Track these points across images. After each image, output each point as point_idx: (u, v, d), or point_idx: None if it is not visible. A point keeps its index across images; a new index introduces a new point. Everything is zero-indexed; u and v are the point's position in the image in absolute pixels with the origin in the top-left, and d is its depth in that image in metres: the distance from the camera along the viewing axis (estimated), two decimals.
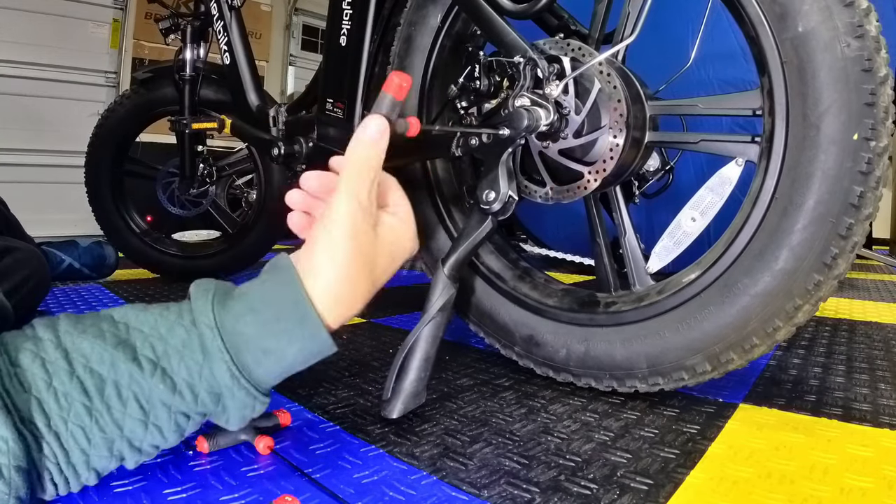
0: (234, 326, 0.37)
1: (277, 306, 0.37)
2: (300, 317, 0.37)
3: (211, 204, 1.38)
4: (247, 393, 0.37)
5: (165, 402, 0.35)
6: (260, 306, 0.37)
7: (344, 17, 0.73)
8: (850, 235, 0.49)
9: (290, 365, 0.38)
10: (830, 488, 0.42)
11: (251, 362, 0.37)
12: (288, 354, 0.38)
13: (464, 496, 0.41)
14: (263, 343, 0.37)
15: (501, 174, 0.57)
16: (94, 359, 0.34)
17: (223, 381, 0.36)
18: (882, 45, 0.48)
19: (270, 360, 0.37)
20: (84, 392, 0.34)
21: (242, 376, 0.36)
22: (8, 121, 2.20)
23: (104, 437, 0.34)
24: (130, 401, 0.34)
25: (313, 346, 0.38)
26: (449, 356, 0.76)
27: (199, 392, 0.36)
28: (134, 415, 0.35)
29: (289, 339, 0.37)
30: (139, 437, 0.35)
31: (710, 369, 0.56)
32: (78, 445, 0.33)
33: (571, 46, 0.60)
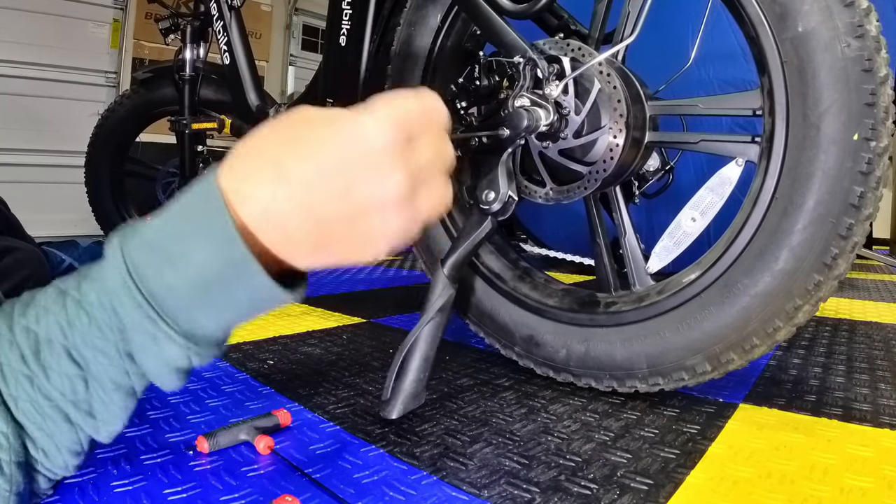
0: (139, 231, 0.31)
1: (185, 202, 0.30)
2: (208, 210, 0.29)
3: None
4: (139, 308, 0.29)
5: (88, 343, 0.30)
6: (170, 206, 0.31)
7: (344, 17, 0.73)
8: (851, 235, 0.49)
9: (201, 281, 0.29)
10: (830, 488, 0.42)
11: (151, 272, 0.29)
12: (193, 261, 0.29)
13: (464, 496, 0.41)
14: (167, 247, 0.30)
15: (501, 174, 0.57)
16: (33, 317, 0.31)
17: (114, 290, 0.30)
18: (882, 45, 0.48)
19: (171, 269, 0.29)
20: (22, 359, 0.30)
21: (135, 285, 0.29)
22: (8, 121, 2.20)
23: (52, 405, 0.30)
24: (63, 356, 0.30)
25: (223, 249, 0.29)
26: (449, 356, 0.76)
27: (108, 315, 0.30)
28: (69, 371, 0.30)
29: (194, 240, 0.29)
30: (84, 398, 0.31)
31: (710, 369, 0.56)
32: (34, 423, 0.30)
33: (571, 46, 0.60)
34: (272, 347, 0.78)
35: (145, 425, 0.50)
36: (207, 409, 0.55)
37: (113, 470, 0.42)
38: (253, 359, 0.72)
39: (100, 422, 0.32)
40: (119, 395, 0.32)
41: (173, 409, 0.54)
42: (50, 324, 0.31)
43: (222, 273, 0.29)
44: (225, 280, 0.30)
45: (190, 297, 0.30)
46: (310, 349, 0.78)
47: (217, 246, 0.29)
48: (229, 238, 0.28)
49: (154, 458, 0.45)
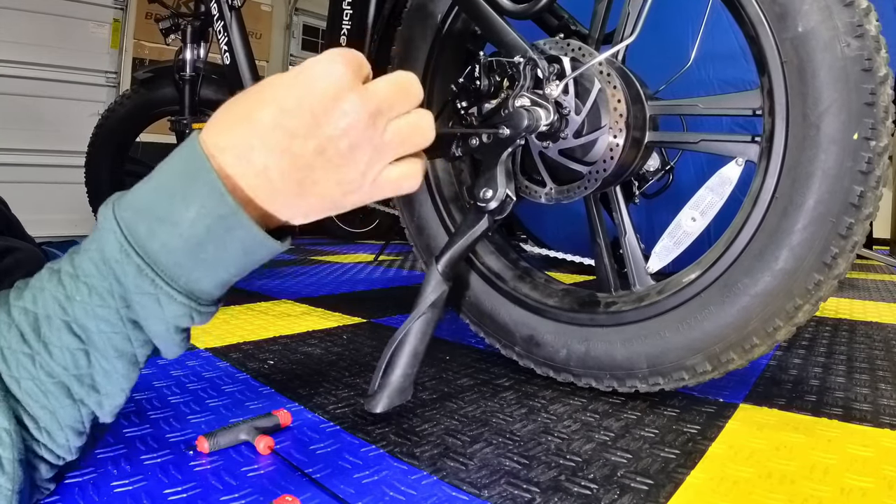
0: (130, 198, 0.31)
1: (170, 165, 0.31)
2: (193, 169, 0.30)
3: None
4: (139, 270, 0.30)
5: (89, 314, 0.31)
6: (156, 171, 0.32)
7: (344, 17, 0.73)
8: (851, 235, 0.49)
9: (194, 239, 0.30)
10: (831, 488, 0.42)
11: (144, 233, 0.30)
12: (184, 219, 0.30)
13: (464, 496, 0.41)
14: (157, 208, 0.30)
15: (500, 173, 0.57)
16: (29, 298, 0.31)
17: (113, 256, 0.30)
18: (882, 44, 0.48)
19: (164, 229, 0.30)
20: (22, 339, 0.31)
21: (132, 247, 0.30)
22: (8, 121, 2.20)
23: (54, 382, 0.31)
24: (63, 331, 0.31)
25: (213, 206, 0.29)
26: (449, 356, 0.76)
27: (110, 283, 0.30)
28: (71, 345, 0.31)
29: (182, 199, 0.30)
30: (86, 371, 0.32)
31: (710, 369, 0.56)
32: (37, 402, 0.31)
33: (571, 46, 0.60)
34: (272, 347, 0.78)
35: (145, 425, 0.50)
36: (207, 409, 0.55)
37: (113, 470, 0.42)
38: (253, 359, 0.72)
39: (103, 395, 0.33)
40: (122, 364, 0.32)
41: (173, 409, 0.54)
42: (47, 301, 0.31)
43: (213, 227, 0.30)
44: (217, 234, 0.30)
45: (186, 255, 0.30)
46: (310, 349, 0.78)
47: (205, 200, 0.30)
48: (216, 191, 0.29)
49: (154, 457, 0.45)
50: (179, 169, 0.31)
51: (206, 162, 0.30)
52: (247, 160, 0.30)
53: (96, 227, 0.32)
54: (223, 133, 0.30)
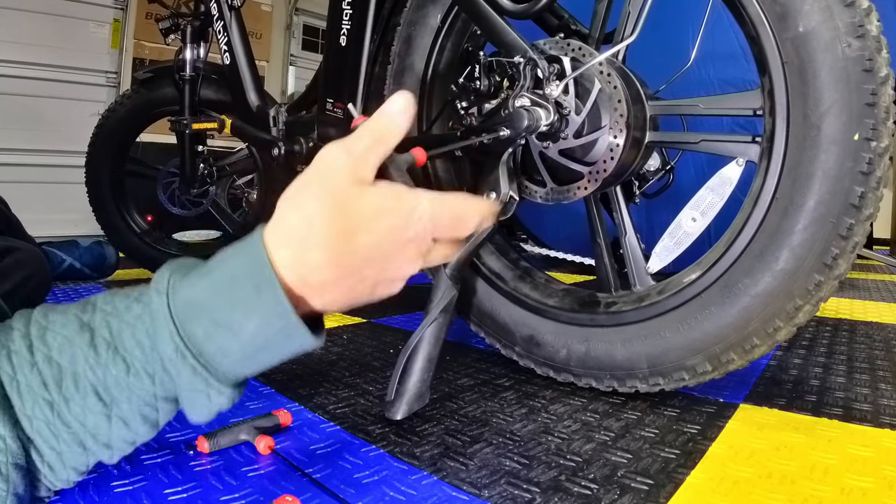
0: (186, 293, 0.31)
1: (233, 270, 0.31)
2: (257, 282, 0.31)
3: (211, 204, 1.38)
4: (193, 372, 0.31)
5: (122, 387, 0.31)
6: (216, 270, 0.32)
7: (344, 17, 0.73)
8: (851, 236, 0.49)
9: (251, 347, 0.31)
10: (831, 488, 0.42)
11: (200, 335, 0.31)
12: (245, 329, 0.31)
13: (464, 496, 0.41)
14: (214, 312, 0.31)
15: (502, 174, 0.57)
16: (55, 347, 0.31)
17: (167, 355, 0.31)
18: (883, 44, 0.48)
19: (223, 335, 0.31)
20: (44, 385, 0.31)
21: (189, 350, 0.31)
22: (8, 121, 2.20)
23: (70, 432, 0.31)
24: (89, 393, 0.31)
25: (275, 321, 0.31)
26: (450, 356, 0.76)
27: (155, 371, 0.31)
28: (94, 408, 0.31)
29: (244, 310, 0.31)
30: (104, 433, 0.32)
31: (710, 369, 0.56)
32: (46, 443, 0.31)
33: (572, 46, 0.60)
34: None
35: None
36: None
37: (113, 470, 0.42)
38: None
39: (115, 450, 0.33)
40: (144, 429, 0.33)
41: None
42: (77, 359, 0.31)
43: (273, 339, 0.32)
44: (275, 344, 0.32)
45: (241, 360, 0.32)
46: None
47: (268, 314, 0.31)
48: (282, 311, 0.31)
49: (154, 457, 0.45)
50: (244, 276, 0.31)
51: (273, 276, 0.31)
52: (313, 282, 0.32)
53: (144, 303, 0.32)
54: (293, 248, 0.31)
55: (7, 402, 0.31)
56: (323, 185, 0.32)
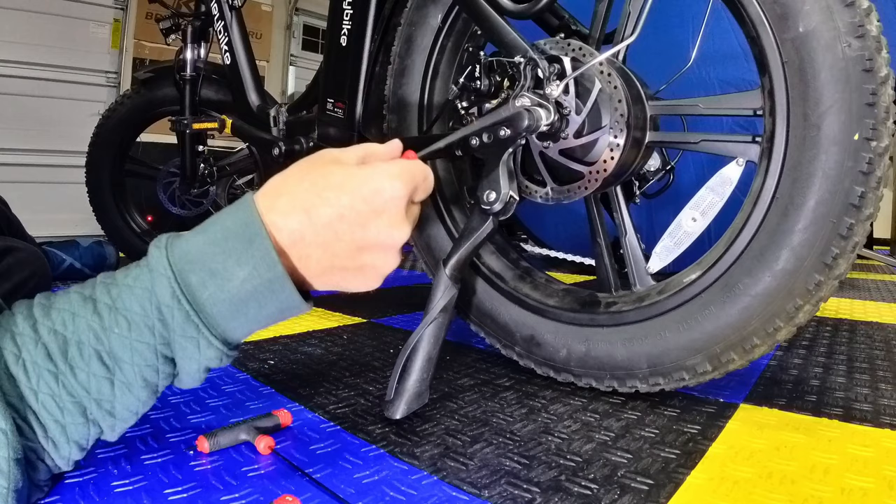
0: (182, 246, 0.34)
1: (226, 225, 0.35)
2: (249, 235, 0.34)
3: (212, 204, 1.38)
4: (186, 317, 0.33)
5: (126, 346, 0.33)
6: (210, 227, 0.35)
7: (344, 17, 0.73)
8: (851, 236, 0.49)
9: (240, 296, 0.34)
10: (831, 488, 0.42)
11: (195, 283, 0.34)
12: (235, 277, 0.34)
13: (464, 496, 0.41)
14: (209, 262, 0.34)
15: (502, 174, 0.57)
16: (59, 321, 0.33)
17: (164, 300, 0.33)
18: (883, 44, 0.48)
19: (216, 284, 0.34)
20: (48, 357, 0.32)
21: (184, 295, 0.33)
22: (9, 121, 2.20)
23: (74, 401, 0.33)
24: (93, 359, 0.33)
25: (264, 273, 0.34)
26: (450, 356, 0.76)
27: (153, 322, 0.33)
28: (98, 373, 0.33)
29: (236, 260, 0.34)
30: (108, 398, 0.33)
31: (710, 369, 0.56)
32: (51, 416, 0.32)
33: (572, 46, 0.60)
34: (273, 347, 0.78)
35: (146, 425, 0.50)
36: (208, 409, 0.55)
37: (113, 469, 0.42)
38: (253, 359, 0.72)
39: (118, 420, 0.35)
40: (145, 393, 0.35)
41: (174, 409, 0.54)
42: (80, 327, 0.33)
43: (260, 288, 0.35)
44: (261, 295, 0.35)
45: (230, 308, 0.35)
46: (310, 349, 0.78)
47: (258, 264, 0.34)
48: (270, 259, 0.34)
49: (154, 457, 0.45)
50: (236, 230, 0.35)
51: (263, 230, 0.34)
52: (296, 245, 0.35)
53: (142, 265, 0.35)
54: (281, 215, 0.35)
55: (5, 396, 0.31)
56: (306, 160, 0.38)
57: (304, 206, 0.35)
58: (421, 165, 0.41)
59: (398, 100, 0.77)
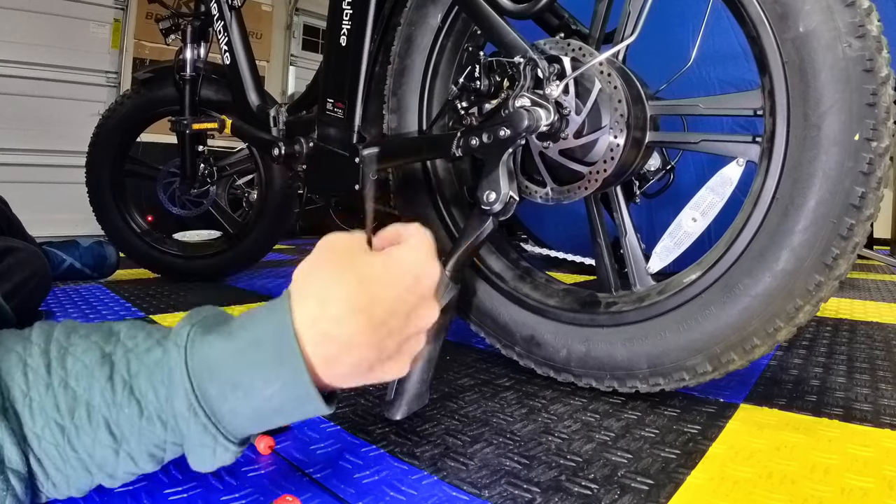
0: (203, 351, 0.32)
1: (257, 335, 0.32)
2: (279, 351, 0.31)
3: (212, 204, 1.38)
4: (204, 429, 0.31)
5: (135, 429, 0.31)
6: (239, 332, 0.32)
7: (344, 17, 0.73)
8: (852, 236, 0.49)
9: (263, 411, 0.32)
10: (831, 488, 0.42)
11: (214, 395, 0.31)
12: (260, 395, 0.31)
13: (465, 496, 0.41)
14: (233, 375, 0.31)
15: (502, 175, 0.57)
16: (73, 373, 0.32)
17: (179, 411, 0.31)
18: (884, 44, 0.48)
19: (238, 398, 0.31)
20: (56, 408, 0.31)
21: (201, 408, 0.31)
22: (9, 121, 2.20)
23: (78, 458, 0.31)
24: (101, 427, 0.31)
25: (292, 389, 0.31)
26: (450, 356, 0.76)
27: (168, 420, 0.32)
28: (104, 442, 0.31)
29: (263, 377, 0.31)
30: (111, 465, 0.32)
31: (710, 370, 0.56)
32: (53, 464, 0.31)
33: (572, 46, 0.60)
34: None
35: None
36: None
37: None
38: None
39: (118, 480, 0.33)
40: (150, 465, 0.33)
41: None
42: (93, 390, 0.31)
43: (286, 405, 0.32)
44: (286, 410, 0.32)
45: (250, 420, 0.32)
46: None
47: (286, 383, 0.31)
48: (302, 381, 0.31)
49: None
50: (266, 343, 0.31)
51: (296, 347, 0.31)
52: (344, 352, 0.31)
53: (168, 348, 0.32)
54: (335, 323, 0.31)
55: (10, 409, 0.31)
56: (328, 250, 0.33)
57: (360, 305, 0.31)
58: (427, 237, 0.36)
59: (398, 100, 0.77)
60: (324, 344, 0.31)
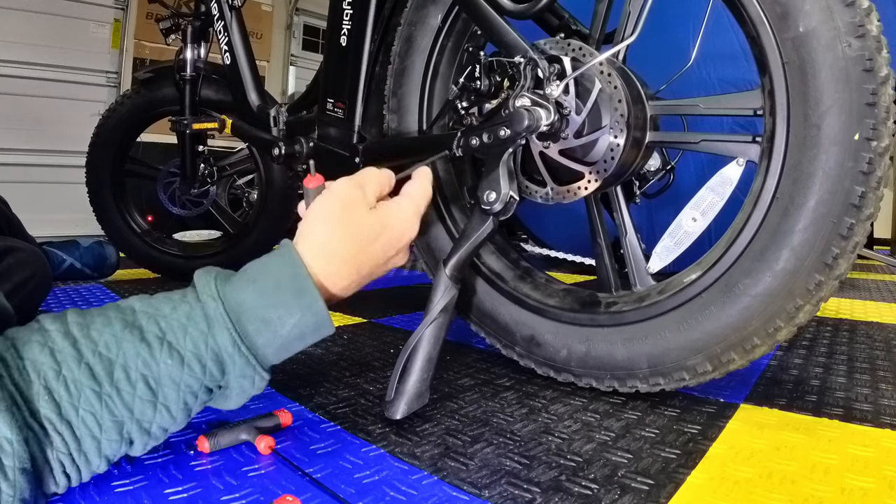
0: (236, 297, 0.39)
1: (276, 278, 0.40)
2: (298, 287, 0.40)
3: (212, 204, 1.38)
4: (246, 362, 0.38)
5: (174, 377, 0.36)
6: (260, 278, 0.40)
7: (344, 17, 0.73)
8: (852, 236, 0.49)
9: (288, 338, 0.40)
10: (831, 488, 0.42)
11: (252, 331, 0.39)
12: (286, 325, 0.39)
13: (465, 496, 0.41)
14: (263, 313, 0.39)
15: (502, 175, 0.57)
16: (102, 343, 0.35)
17: (225, 348, 0.38)
18: (883, 44, 0.48)
19: (270, 331, 0.39)
20: (93, 377, 0.34)
21: (243, 343, 0.38)
22: (9, 121, 2.20)
23: (114, 420, 0.35)
24: (139, 382, 0.35)
25: (310, 318, 0.40)
26: (450, 356, 0.76)
27: (206, 362, 0.37)
28: (143, 396, 0.36)
29: (287, 310, 0.39)
30: (149, 419, 0.36)
31: (711, 369, 0.56)
32: (90, 432, 0.34)
33: (572, 46, 0.60)
34: None
35: None
36: (208, 409, 0.55)
37: (114, 469, 0.42)
38: None
39: (151, 438, 0.38)
40: (182, 415, 0.39)
41: None
42: (127, 353, 0.36)
43: (307, 332, 0.41)
44: (306, 336, 0.42)
45: (280, 349, 0.41)
46: (311, 349, 0.78)
47: (305, 313, 0.40)
48: (319, 311, 0.41)
49: (155, 457, 0.45)
50: (286, 283, 0.40)
51: (311, 283, 0.41)
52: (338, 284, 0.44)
53: (192, 304, 0.38)
54: (338, 278, 0.43)
55: (18, 399, 0.31)
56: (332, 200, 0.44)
57: (357, 268, 0.44)
58: (424, 184, 0.49)
59: (398, 100, 0.77)
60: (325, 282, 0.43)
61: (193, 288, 0.40)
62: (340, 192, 0.45)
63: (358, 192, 0.45)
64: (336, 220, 0.44)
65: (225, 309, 0.38)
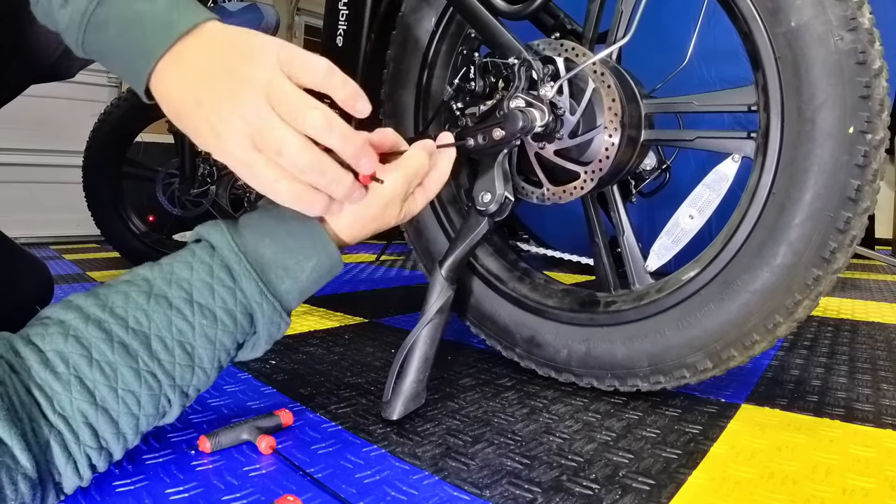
0: (255, 249, 0.40)
1: (289, 228, 0.42)
2: (312, 234, 0.42)
3: (212, 204, 1.39)
4: (273, 308, 0.41)
5: (210, 336, 0.38)
6: (274, 230, 0.42)
7: (340, 17, 0.74)
8: (849, 229, 0.49)
9: (307, 283, 0.42)
10: (833, 489, 0.42)
11: (274, 279, 0.41)
12: (305, 270, 0.42)
13: (466, 496, 0.41)
14: (282, 261, 0.41)
15: (497, 175, 0.57)
16: (132, 319, 0.36)
17: (253, 298, 0.40)
18: (876, 37, 0.48)
19: (290, 277, 0.41)
20: (128, 354, 0.35)
21: (269, 291, 0.40)
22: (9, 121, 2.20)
23: (152, 394, 0.36)
24: (177, 349, 0.37)
25: (326, 262, 0.43)
26: (451, 356, 0.76)
27: (237, 315, 0.39)
28: (182, 362, 0.37)
29: (305, 256, 0.42)
30: (187, 383, 0.38)
31: (711, 366, 0.56)
32: (129, 411, 0.35)
33: (565, 47, 0.60)
34: (274, 347, 0.78)
35: None
36: (209, 409, 0.55)
37: (115, 469, 0.42)
38: (255, 359, 0.73)
39: (188, 400, 0.39)
40: (214, 374, 0.40)
41: None
42: (160, 324, 0.37)
43: (322, 276, 0.43)
44: (322, 279, 0.44)
45: (299, 294, 0.43)
46: (312, 349, 0.78)
47: (321, 259, 0.43)
48: (334, 257, 0.43)
49: (156, 457, 0.45)
50: (303, 234, 0.42)
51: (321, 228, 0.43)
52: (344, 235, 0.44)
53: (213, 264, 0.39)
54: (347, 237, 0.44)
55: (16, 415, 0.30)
56: None
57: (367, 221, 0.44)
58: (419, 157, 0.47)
59: (393, 103, 0.77)
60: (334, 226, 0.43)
61: (204, 246, 0.40)
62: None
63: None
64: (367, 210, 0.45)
65: (248, 262, 0.39)
